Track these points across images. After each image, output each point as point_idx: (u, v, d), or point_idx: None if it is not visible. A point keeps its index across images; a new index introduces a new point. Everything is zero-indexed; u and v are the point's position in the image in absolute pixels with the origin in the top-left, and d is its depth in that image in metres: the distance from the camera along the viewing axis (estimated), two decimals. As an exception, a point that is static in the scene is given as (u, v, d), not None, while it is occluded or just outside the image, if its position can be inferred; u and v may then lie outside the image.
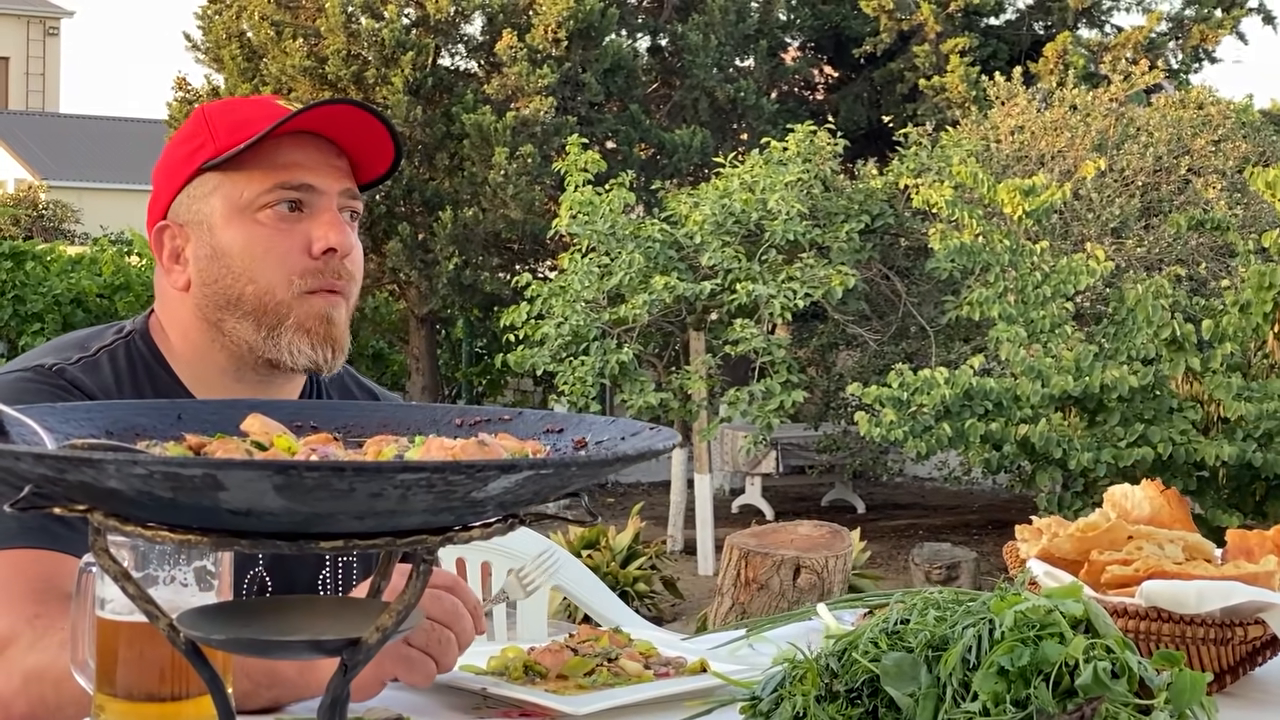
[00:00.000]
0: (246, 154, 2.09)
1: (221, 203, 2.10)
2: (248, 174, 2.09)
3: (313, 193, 2.10)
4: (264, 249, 2.08)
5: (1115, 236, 11.86)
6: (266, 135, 2.06)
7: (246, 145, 2.07)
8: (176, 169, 2.16)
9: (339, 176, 2.13)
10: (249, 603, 1.43)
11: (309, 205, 2.10)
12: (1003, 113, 12.99)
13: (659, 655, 1.83)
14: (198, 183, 2.13)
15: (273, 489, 1.13)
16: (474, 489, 1.17)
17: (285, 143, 2.10)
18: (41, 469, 1.17)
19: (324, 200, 2.10)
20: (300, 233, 2.09)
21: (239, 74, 15.16)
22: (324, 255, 2.08)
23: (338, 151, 2.14)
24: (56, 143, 38.22)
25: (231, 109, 2.15)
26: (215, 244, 2.11)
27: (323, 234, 2.08)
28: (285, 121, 2.05)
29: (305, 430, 1.51)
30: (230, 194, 2.10)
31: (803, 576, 5.13)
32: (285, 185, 2.09)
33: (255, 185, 2.09)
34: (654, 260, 11.51)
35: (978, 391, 9.37)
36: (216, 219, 2.11)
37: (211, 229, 2.11)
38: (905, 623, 1.60)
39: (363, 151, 2.15)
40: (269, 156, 2.09)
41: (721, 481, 15.43)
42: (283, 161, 2.10)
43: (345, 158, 2.15)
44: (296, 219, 2.10)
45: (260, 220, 2.09)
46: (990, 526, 14.06)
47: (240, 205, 2.09)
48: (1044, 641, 1.51)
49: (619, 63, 15.43)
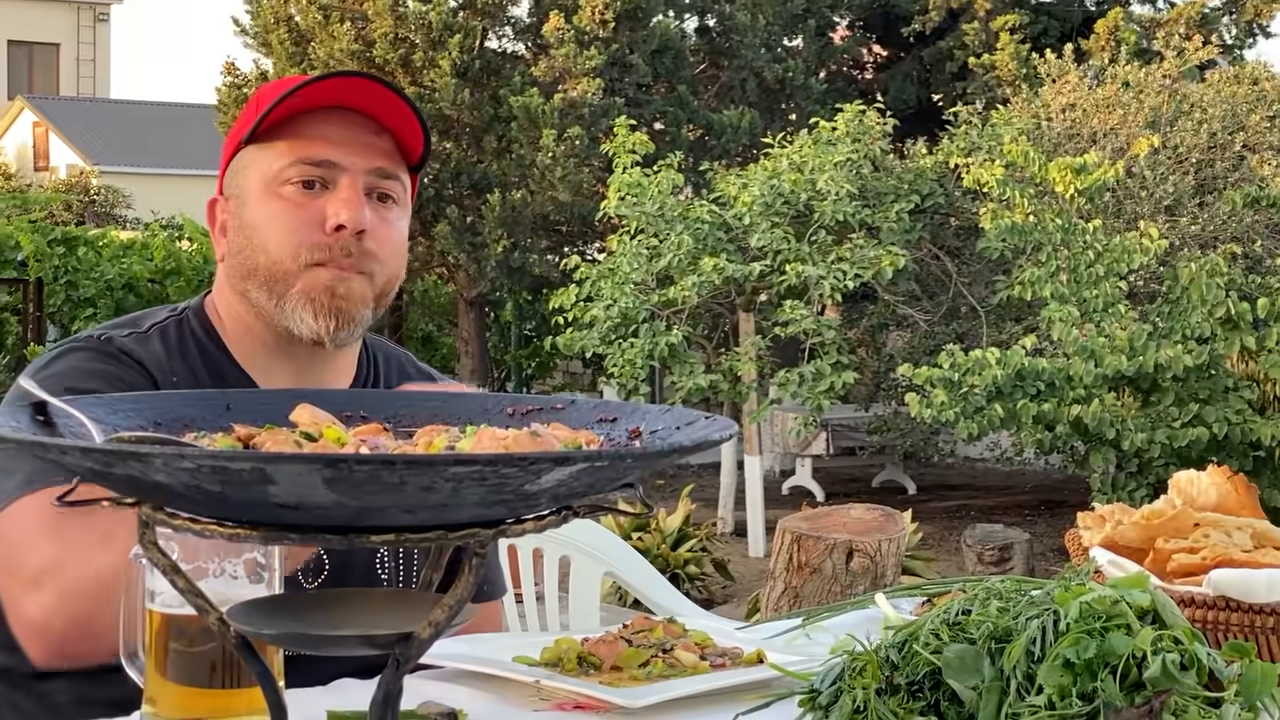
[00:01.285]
0: (280, 129, 2.10)
1: (254, 176, 2.13)
2: (277, 149, 2.11)
3: (335, 169, 2.09)
4: (279, 222, 2.09)
5: (1169, 214, 11.75)
6: (277, 104, 2.06)
7: (263, 115, 2.08)
8: (228, 145, 2.20)
9: (370, 154, 2.11)
10: (300, 596, 1.41)
11: (332, 182, 2.10)
12: (1054, 90, 12.87)
13: (715, 646, 1.80)
14: (239, 157, 2.16)
15: (322, 482, 1.10)
16: (527, 482, 1.14)
17: (318, 118, 2.11)
18: (88, 463, 1.15)
19: (346, 177, 2.09)
20: (317, 207, 2.08)
21: (287, 58, 15.20)
22: (336, 231, 2.06)
23: (376, 130, 2.13)
24: (107, 128, 38.43)
25: (279, 86, 2.14)
26: (244, 216, 2.13)
27: (335, 209, 2.07)
28: (296, 90, 2.05)
29: (355, 420, 1.48)
30: (262, 168, 2.12)
31: (855, 560, 5.07)
32: (306, 160, 2.09)
33: (281, 159, 2.10)
34: (703, 242, 11.47)
35: (1030, 372, 9.30)
36: (248, 192, 2.13)
37: (243, 201, 2.14)
38: (967, 613, 1.56)
39: (400, 127, 2.14)
40: (298, 132, 2.10)
41: (772, 463, 15.39)
42: (309, 137, 2.10)
43: (388, 137, 2.14)
44: (317, 194, 2.09)
45: (282, 194, 2.10)
46: (1043, 507, 13.98)
47: (268, 179, 2.11)
48: (1110, 633, 1.48)
49: (666, 43, 15.39)
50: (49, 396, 1.34)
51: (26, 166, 38.39)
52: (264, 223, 2.10)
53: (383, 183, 2.13)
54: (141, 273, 15.41)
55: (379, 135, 2.13)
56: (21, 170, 37.44)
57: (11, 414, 1.31)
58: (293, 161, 2.09)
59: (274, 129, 2.11)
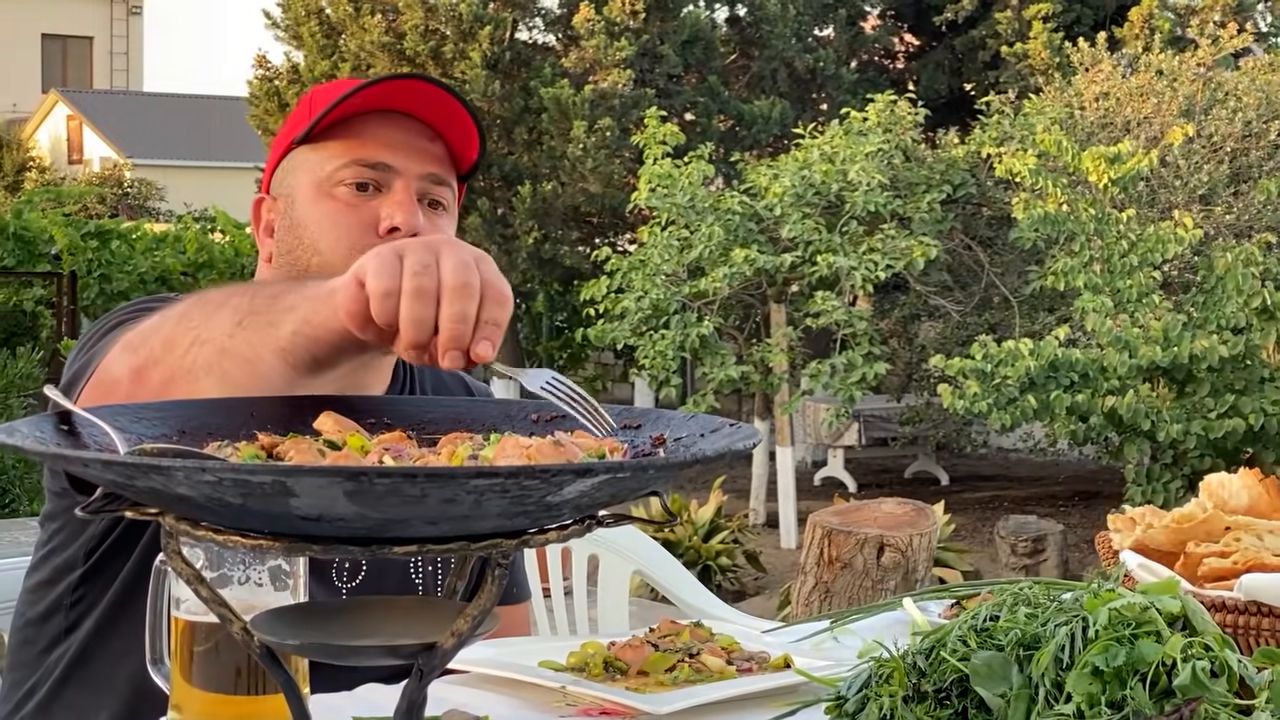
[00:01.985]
0: (333, 131, 2.09)
1: (305, 176, 2.11)
2: (330, 150, 2.09)
3: (390, 172, 2.07)
4: (332, 223, 2.07)
5: (1203, 203, 11.67)
6: (336, 105, 2.05)
7: (322, 115, 2.06)
8: (277, 146, 2.19)
9: (424, 160, 2.10)
10: (323, 605, 1.41)
11: (385, 185, 2.08)
12: (1087, 79, 12.80)
13: (741, 650, 1.79)
14: (290, 157, 2.15)
15: (344, 495, 1.10)
16: (549, 493, 1.14)
17: (373, 121, 2.09)
18: (110, 475, 1.15)
19: (401, 181, 2.07)
20: (370, 210, 2.06)
21: (318, 51, 15.22)
22: (389, 234, 2.05)
23: (431, 135, 2.11)
24: (141, 121, 38.59)
25: (334, 88, 2.14)
26: (294, 216, 2.11)
27: (390, 212, 2.05)
28: (355, 92, 2.04)
29: (379, 427, 1.48)
30: (314, 168, 2.10)
31: (887, 555, 5.05)
32: (361, 161, 2.07)
33: (335, 160, 2.08)
34: (734, 233, 11.46)
35: (1063, 363, 9.26)
36: (299, 192, 2.11)
37: (294, 201, 2.12)
38: (995, 619, 1.55)
39: (454, 134, 2.12)
40: (354, 134, 2.08)
41: (804, 454, 15.38)
42: (364, 139, 2.08)
43: (441, 143, 2.12)
44: (370, 197, 2.07)
45: (335, 195, 2.08)
46: (1077, 498, 13.93)
47: (320, 179, 2.09)
48: (1140, 640, 1.46)
49: (697, 34, 15.36)
50: (73, 406, 1.34)
51: (60, 159, 38.59)
52: (316, 223, 2.08)
53: (435, 189, 2.11)
54: (174, 266, 15.44)
55: (433, 141, 2.11)
56: (55, 163, 37.63)
57: (36, 424, 1.31)
58: (347, 163, 2.07)
59: (328, 130, 2.10)
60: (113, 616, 2.06)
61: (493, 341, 1.39)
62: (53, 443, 1.27)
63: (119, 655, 2.03)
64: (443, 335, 1.38)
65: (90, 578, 2.09)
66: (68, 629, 2.10)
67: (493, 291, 1.41)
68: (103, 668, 2.08)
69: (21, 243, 15.30)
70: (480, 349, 1.39)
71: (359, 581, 2.11)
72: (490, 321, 1.40)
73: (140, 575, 1.82)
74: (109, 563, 2.07)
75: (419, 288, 1.39)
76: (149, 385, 1.65)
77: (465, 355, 1.38)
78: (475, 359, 1.39)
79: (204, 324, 1.62)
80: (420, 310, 1.38)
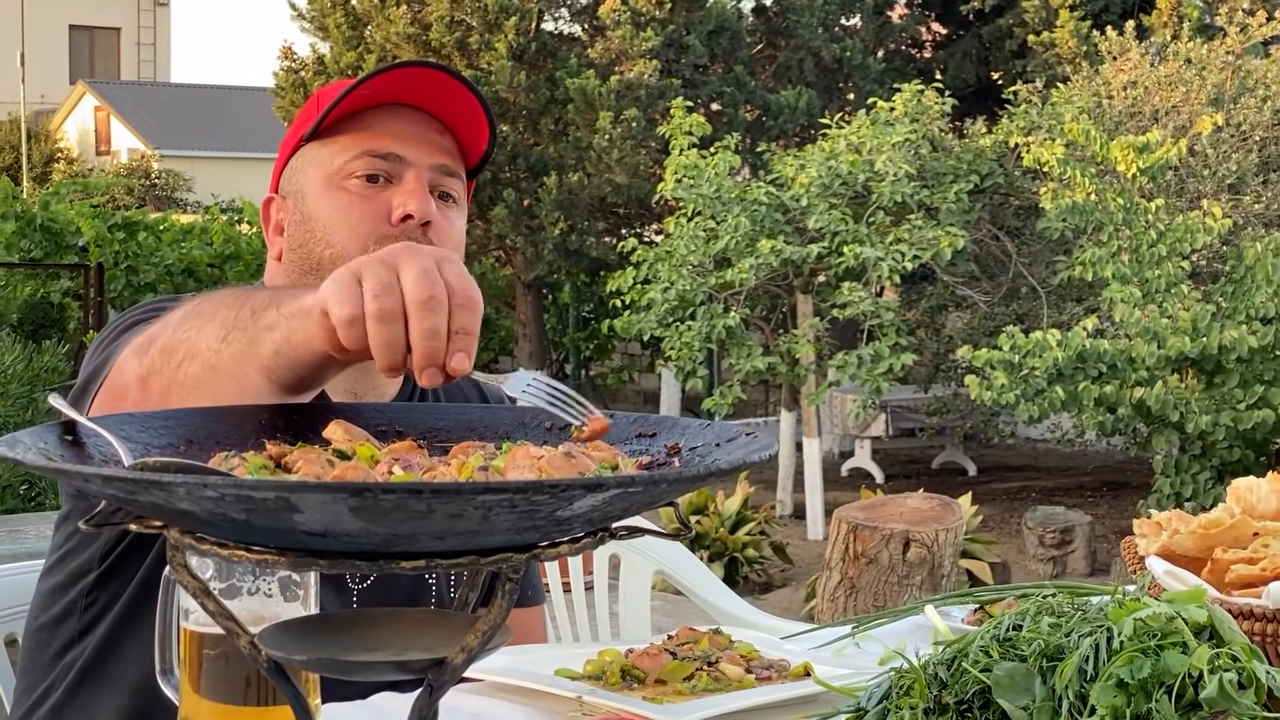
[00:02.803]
0: (342, 125, 2.09)
1: (315, 171, 2.10)
2: (340, 143, 2.09)
3: (401, 163, 2.07)
4: (344, 214, 2.06)
5: (1232, 193, 11.60)
6: (344, 96, 2.04)
7: (330, 108, 2.06)
8: (286, 145, 2.18)
9: (434, 151, 2.09)
10: (332, 617, 1.39)
11: (396, 176, 2.07)
12: (1115, 68, 12.72)
13: (761, 658, 1.77)
14: (299, 155, 2.14)
15: (349, 511, 1.08)
16: (559, 508, 1.11)
17: (381, 114, 2.09)
18: (112, 490, 1.13)
19: (412, 171, 2.07)
20: (382, 200, 2.06)
21: (343, 42, 15.22)
22: (402, 223, 2.04)
23: (439, 128, 2.11)
24: (168, 112, 38.67)
25: (340, 88, 2.13)
26: (304, 211, 2.11)
27: (402, 200, 2.05)
28: (364, 80, 2.04)
29: (390, 435, 1.46)
30: (324, 163, 2.10)
31: (912, 550, 5.04)
32: (371, 152, 2.07)
33: (345, 153, 2.08)
34: (760, 224, 11.42)
35: (1091, 354, 9.21)
36: (309, 187, 2.11)
37: (304, 197, 2.11)
38: (1018, 629, 1.52)
39: (463, 127, 2.12)
40: (364, 127, 2.09)
41: (831, 444, 15.34)
42: (374, 131, 2.08)
43: (449, 136, 2.12)
44: (381, 188, 2.07)
45: (346, 187, 2.07)
46: (1105, 488, 13.87)
47: (330, 173, 2.09)
48: (1166, 651, 1.44)
49: (723, 24, 15.32)
50: (78, 415, 1.32)
51: (88, 150, 38.71)
52: (328, 216, 2.07)
53: (445, 180, 2.11)
54: (201, 258, 15.48)
55: (441, 134, 2.11)
56: (83, 154, 37.76)
57: (40, 434, 1.29)
58: (358, 154, 2.07)
59: (335, 125, 2.10)
60: (126, 621, 2.05)
61: (467, 351, 1.34)
62: (56, 455, 1.25)
63: (132, 659, 2.02)
64: (416, 354, 1.33)
65: (104, 581, 2.08)
66: (81, 632, 2.09)
67: (459, 298, 1.35)
68: (116, 671, 2.06)
69: (49, 234, 15.34)
70: (456, 362, 1.33)
71: (371, 582, 2.10)
72: (462, 331, 1.34)
73: (154, 579, 1.80)
74: (123, 567, 2.06)
75: (382, 310, 1.33)
76: (151, 394, 1.63)
77: (442, 371, 1.33)
78: (452, 373, 1.34)
79: (195, 336, 1.59)
80: (387, 333, 1.33)
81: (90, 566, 2.08)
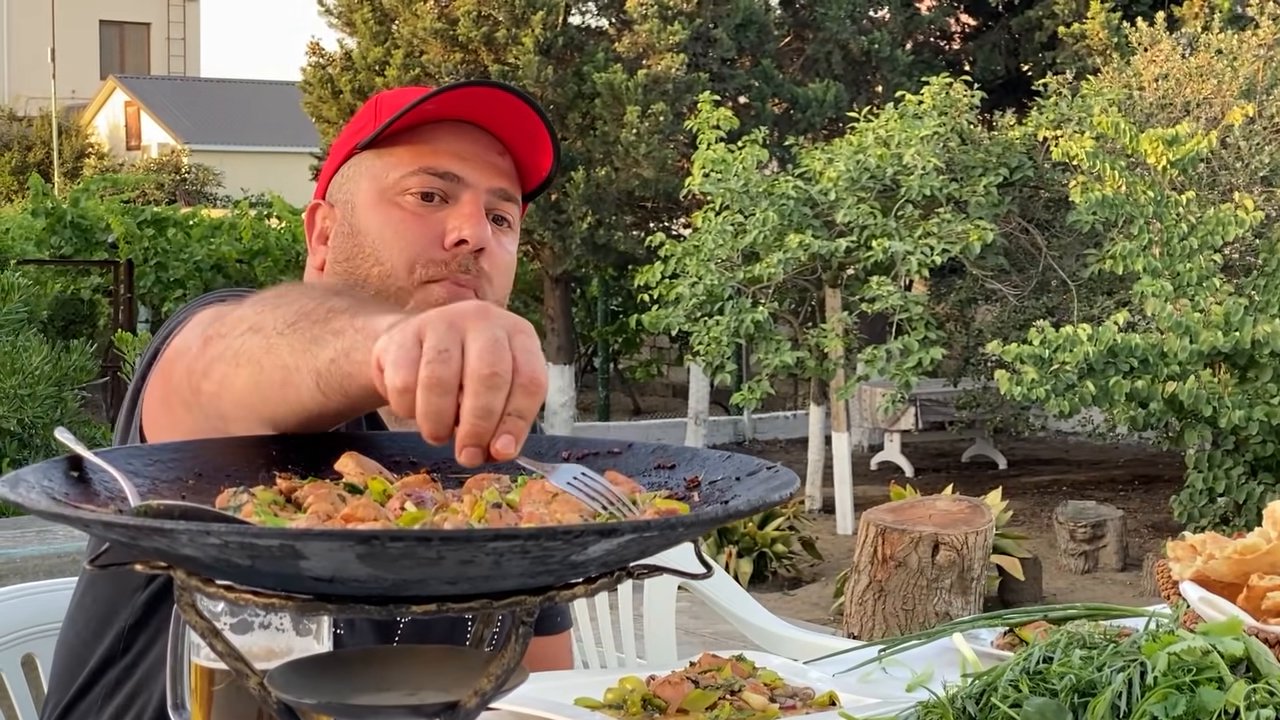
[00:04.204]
0: (401, 138, 2.03)
1: (368, 183, 2.05)
2: (397, 156, 2.03)
3: (459, 183, 2.01)
4: (395, 232, 2.00)
5: (1265, 185, 11.49)
6: (410, 109, 1.98)
7: (393, 119, 1.99)
8: (337, 150, 2.13)
9: (492, 174, 2.04)
10: (344, 655, 1.36)
11: (453, 197, 2.02)
12: (1145, 59, 12.62)
13: (785, 686, 1.73)
14: (352, 163, 2.09)
15: (356, 558, 1.06)
16: (572, 553, 1.09)
17: (443, 130, 2.03)
18: (114, 535, 1.11)
19: (469, 193, 2.01)
20: (437, 221, 2.00)
21: (371, 37, 15.21)
22: (455, 247, 1.99)
23: (500, 150, 2.05)
24: (198, 107, 38.81)
25: (400, 96, 2.08)
26: (354, 222, 2.05)
27: (457, 224, 1.98)
28: (429, 98, 1.97)
29: (404, 467, 1.43)
30: (378, 175, 2.04)
31: (941, 553, 4.99)
32: (429, 170, 2.01)
33: (402, 168, 2.02)
34: (788, 218, 11.38)
35: (1122, 348, 9.14)
36: (360, 199, 2.05)
37: (354, 208, 2.06)
38: (1049, 661, 1.49)
39: (524, 149, 2.06)
40: (423, 142, 2.02)
41: (860, 438, 15.29)
42: (433, 147, 2.02)
43: (509, 159, 2.06)
44: (437, 208, 2.01)
45: (401, 204, 2.01)
46: (1137, 482, 13.79)
47: (384, 186, 2.03)
48: (1201, 687, 1.40)
49: (750, 17, 15.25)
50: (84, 450, 1.30)
51: (119, 146, 38.86)
52: (378, 232, 2.02)
53: (501, 204, 2.05)
54: (230, 253, 15.50)
55: (502, 156, 2.06)
56: (114, 149, 37.90)
57: (45, 471, 1.26)
58: (415, 170, 2.01)
59: (394, 137, 2.04)
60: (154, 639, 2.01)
61: (516, 436, 1.23)
62: (60, 494, 1.22)
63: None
64: (461, 430, 1.22)
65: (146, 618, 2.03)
66: (125, 649, 2.05)
67: (523, 378, 1.24)
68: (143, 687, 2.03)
69: (79, 231, 15.39)
70: (501, 445, 1.22)
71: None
72: (516, 414, 1.23)
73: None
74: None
75: (436, 379, 1.23)
76: (205, 356, 1.59)
77: (485, 451, 1.22)
78: (495, 455, 1.23)
79: (269, 313, 1.53)
80: (438, 404, 1.23)
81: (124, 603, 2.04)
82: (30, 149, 34.99)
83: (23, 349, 7.53)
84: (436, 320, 1.26)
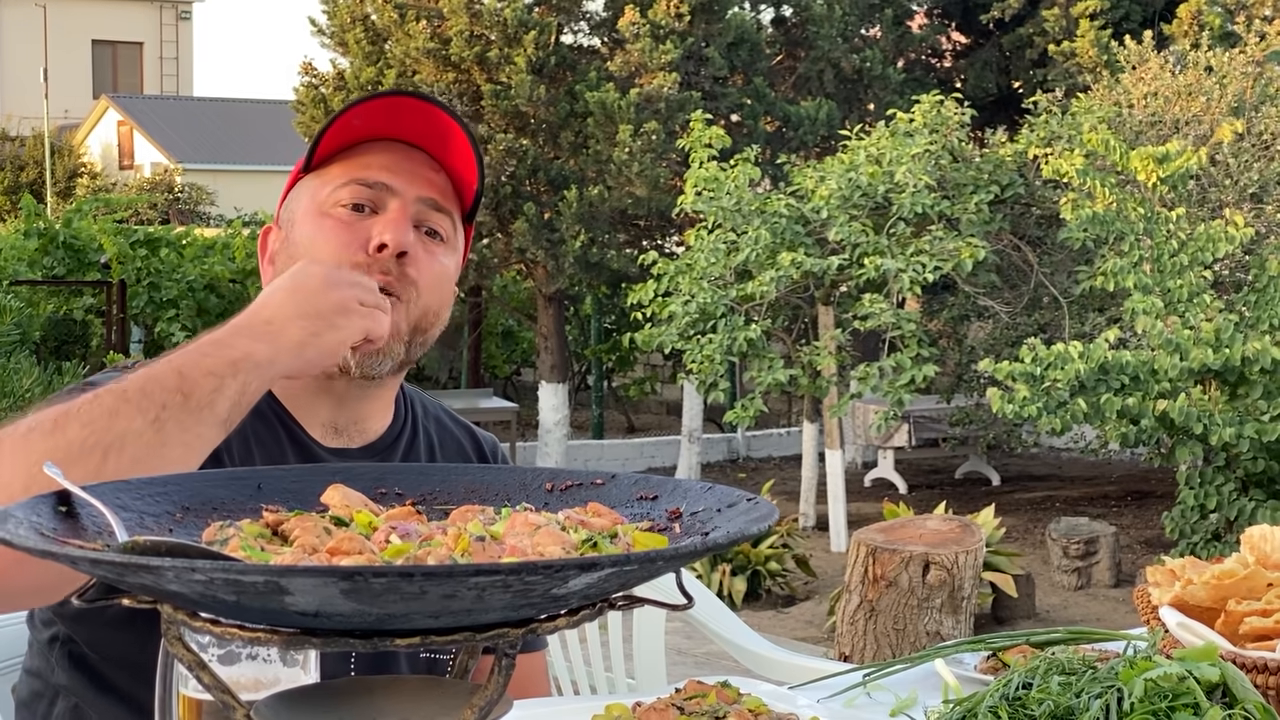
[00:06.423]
0: (337, 157, 2.11)
1: (307, 200, 2.12)
2: (332, 173, 2.11)
3: (388, 192, 2.08)
4: (324, 239, 2.07)
5: (1254, 202, 11.54)
6: (329, 124, 2.06)
7: (318, 136, 2.07)
8: (292, 177, 2.20)
9: (421, 184, 2.10)
10: (329, 686, 1.37)
11: (382, 206, 2.08)
12: (1135, 77, 12.67)
13: (769, 713, 1.74)
14: (297, 187, 2.17)
15: (340, 593, 1.07)
16: (554, 587, 1.10)
17: (377, 147, 2.11)
18: (100, 571, 1.12)
19: (397, 201, 2.08)
20: (363, 228, 2.07)
21: (363, 57, 15.23)
22: (378, 252, 2.04)
23: (434, 166, 2.12)
24: (191, 126, 38.82)
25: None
26: (292, 238, 2.12)
27: (380, 229, 2.05)
28: (349, 108, 2.05)
29: (389, 498, 1.45)
30: (315, 193, 2.12)
31: (932, 573, 5.01)
32: (359, 181, 2.08)
33: (334, 181, 2.10)
34: (780, 236, 11.41)
35: (1113, 365, 9.16)
36: (298, 216, 2.12)
37: (293, 226, 2.13)
38: (1028, 688, 1.50)
39: (458, 166, 2.12)
40: (357, 159, 2.10)
41: (853, 455, 15.30)
42: (365, 161, 2.10)
43: (445, 176, 2.13)
44: (365, 217, 2.08)
45: (332, 214, 2.08)
46: (1129, 498, 13.81)
47: (319, 202, 2.10)
48: (1177, 713, 1.42)
49: (742, 35, 15.29)
50: (71, 485, 1.31)
51: (112, 165, 38.87)
52: (309, 241, 2.08)
53: (432, 214, 2.11)
54: (223, 273, 15.49)
55: (435, 171, 2.12)
56: (107, 169, 37.91)
57: (33, 506, 1.27)
58: (345, 182, 2.09)
59: (331, 157, 2.12)
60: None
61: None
62: (49, 529, 1.24)
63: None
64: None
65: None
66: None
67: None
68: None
69: (72, 251, 15.38)
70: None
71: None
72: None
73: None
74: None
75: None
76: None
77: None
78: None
79: (113, 425, 1.67)
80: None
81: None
82: (23, 169, 34.98)
83: (15, 370, 7.54)
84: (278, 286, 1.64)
